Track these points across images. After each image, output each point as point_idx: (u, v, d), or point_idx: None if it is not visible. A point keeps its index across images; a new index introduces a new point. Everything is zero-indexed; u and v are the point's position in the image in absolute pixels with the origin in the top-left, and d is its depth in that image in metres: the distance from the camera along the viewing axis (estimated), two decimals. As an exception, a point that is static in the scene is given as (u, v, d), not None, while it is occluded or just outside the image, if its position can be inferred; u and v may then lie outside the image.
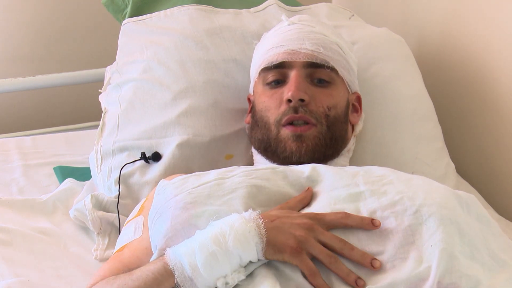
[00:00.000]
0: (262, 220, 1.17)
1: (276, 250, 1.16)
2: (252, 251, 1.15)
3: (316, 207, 1.25)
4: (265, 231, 1.16)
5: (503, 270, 1.19)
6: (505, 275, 1.18)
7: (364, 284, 1.14)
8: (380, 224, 1.19)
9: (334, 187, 1.28)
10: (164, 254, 1.18)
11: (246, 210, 1.21)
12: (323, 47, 1.51)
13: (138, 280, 1.17)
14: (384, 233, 1.20)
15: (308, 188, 1.29)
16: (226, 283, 1.14)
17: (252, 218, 1.17)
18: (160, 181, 1.36)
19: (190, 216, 1.22)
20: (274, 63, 1.51)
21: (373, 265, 1.15)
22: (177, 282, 1.14)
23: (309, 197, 1.27)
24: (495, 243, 1.24)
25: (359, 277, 1.15)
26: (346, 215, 1.20)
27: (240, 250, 1.14)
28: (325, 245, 1.17)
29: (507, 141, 1.84)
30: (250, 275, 1.17)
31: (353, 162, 1.59)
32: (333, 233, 1.19)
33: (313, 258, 1.16)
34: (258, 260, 1.17)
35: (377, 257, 1.17)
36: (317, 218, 1.20)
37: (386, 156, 1.66)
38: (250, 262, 1.17)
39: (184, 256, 1.15)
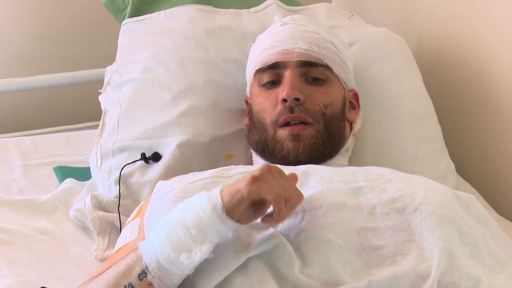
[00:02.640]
0: (219, 189, 1.14)
1: (233, 193, 1.11)
2: (212, 217, 1.11)
3: (314, 196, 1.25)
4: (220, 188, 1.13)
5: (503, 270, 1.20)
6: (506, 274, 1.18)
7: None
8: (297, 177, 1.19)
9: (332, 181, 1.28)
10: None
11: None
12: (316, 45, 1.51)
13: (113, 270, 1.17)
14: (383, 228, 1.20)
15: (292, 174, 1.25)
16: (190, 258, 1.11)
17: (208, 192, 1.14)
18: (158, 181, 1.37)
19: None
20: (268, 63, 1.51)
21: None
22: (145, 263, 1.13)
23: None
24: (495, 243, 1.24)
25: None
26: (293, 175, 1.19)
27: (196, 219, 1.11)
28: None
29: (507, 141, 1.84)
30: (245, 271, 1.16)
31: (352, 162, 1.59)
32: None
33: None
34: (222, 221, 1.11)
35: (377, 252, 1.17)
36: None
37: (386, 156, 1.66)
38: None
39: (152, 238, 1.14)
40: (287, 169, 1.33)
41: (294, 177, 1.21)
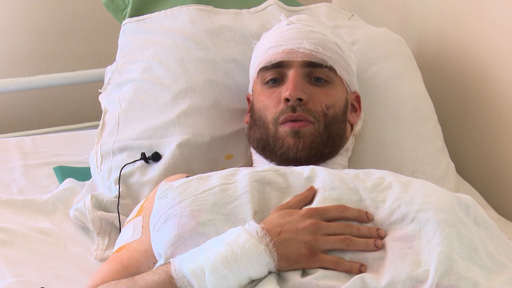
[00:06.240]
0: (270, 237, 1.18)
1: (292, 262, 1.17)
2: (263, 271, 1.17)
3: (317, 205, 1.25)
4: (275, 249, 1.17)
5: (501, 272, 1.19)
6: (504, 276, 1.18)
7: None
8: (372, 217, 1.23)
9: (334, 187, 1.28)
10: (169, 263, 1.18)
11: (252, 217, 1.22)
12: (321, 46, 1.51)
13: None
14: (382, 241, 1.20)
15: (311, 187, 1.29)
16: None
17: (260, 236, 1.17)
18: (161, 183, 1.35)
19: (198, 224, 1.22)
20: (273, 62, 1.51)
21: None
22: None
23: (310, 196, 1.28)
24: (493, 245, 1.24)
25: (376, 240, 1.19)
26: (345, 208, 1.24)
27: (252, 272, 1.16)
28: (334, 234, 1.20)
29: (507, 141, 1.84)
30: None
31: (353, 162, 1.59)
32: (337, 222, 1.22)
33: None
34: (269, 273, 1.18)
35: (376, 260, 1.18)
36: (318, 214, 1.22)
37: (386, 156, 1.66)
38: None
39: (193, 276, 1.15)
40: (291, 173, 1.33)
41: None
